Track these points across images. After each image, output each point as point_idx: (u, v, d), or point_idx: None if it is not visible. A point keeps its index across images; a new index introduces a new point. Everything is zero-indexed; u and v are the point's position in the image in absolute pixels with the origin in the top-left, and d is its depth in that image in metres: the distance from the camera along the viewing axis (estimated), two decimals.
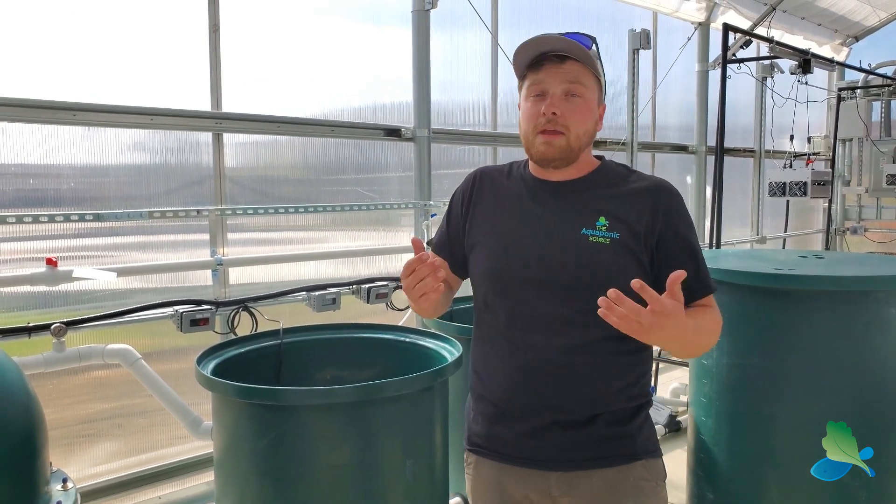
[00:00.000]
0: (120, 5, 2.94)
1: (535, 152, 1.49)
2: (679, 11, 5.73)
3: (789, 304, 2.28)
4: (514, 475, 1.52)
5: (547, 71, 1.45)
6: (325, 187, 3.71)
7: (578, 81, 1.44)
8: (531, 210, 1.52)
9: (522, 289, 1.48)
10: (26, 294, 2.75)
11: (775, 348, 2.29)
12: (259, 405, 1.97)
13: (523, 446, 1.49)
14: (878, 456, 2.19)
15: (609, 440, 1.47)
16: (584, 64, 1.45)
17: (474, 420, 1.60)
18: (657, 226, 1.45)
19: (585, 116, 1.46)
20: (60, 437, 2.87)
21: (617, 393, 1.48)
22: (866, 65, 6.81)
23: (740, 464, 2.39)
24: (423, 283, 1.32)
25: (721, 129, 4.89)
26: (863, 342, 2.23)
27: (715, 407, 2.42)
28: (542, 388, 1.46)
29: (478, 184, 1.63)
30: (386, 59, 3.91)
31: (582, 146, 1.49)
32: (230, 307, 3.06)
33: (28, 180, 2.80)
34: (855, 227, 7.41)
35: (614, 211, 1.46)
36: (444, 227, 1.67)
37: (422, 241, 1.40)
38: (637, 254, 1.44)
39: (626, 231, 1.44)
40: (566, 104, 1.44)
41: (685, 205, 1.53)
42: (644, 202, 1.47)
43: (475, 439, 1.60)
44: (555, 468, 1.47)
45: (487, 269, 1.54)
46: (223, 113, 3.23)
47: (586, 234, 1.44)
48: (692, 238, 1.50)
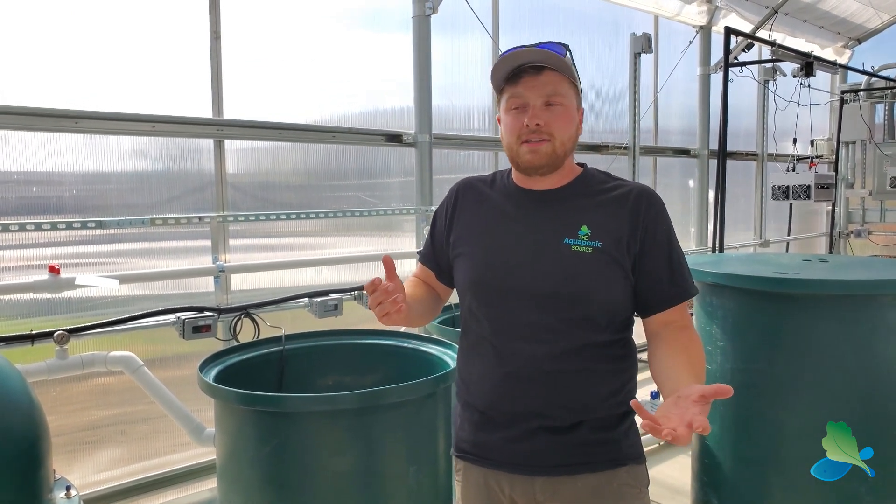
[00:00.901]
0: (121, 13, 2.95)
1: (521, 162, 1.50)
2: (680, 15, 5.73)
3: (794, 308, 2.27)
4: (500, 480, 1.53)
5: (525, 83, 1.47)
6: (326, 193, 3.71)
7: (557, 91, 1.47)
8: (514, 219, 1.54)
9: (506, 298, 1.49)
10: (29, 301, 2.75)
11: (780, 353, 2.28)
12: (261, 412, 1.97)
13: (508, 451, 1.50)
14: (881, 458, 2.18)
15: (594, 445, 1.48)
16: (561, 72, 1.47)
17: (461, 427, 1.62)
18: (637, 233, 1.47)
19: (567, 123, 1.49)
20: (63, 444, 2.87)
21: (602, 399, 1.48)
22: (869, 67, 6.81)
23: (745, 469, 2.38)
24: (381, 306, 1.37)
25: (723, 133, 4.89)
26: (868, 346, 2.21)
27: (719, 412, 2.41)
28: (527, 395, 1.47)
29: (460, 195, 1.65)
30: (387, 64, 3.91)
31: (567, 151, 1.51)
32: (232, 314, 3.06)
33: (31, 188, 2.80)
34: (859, 230, 7.39)
35: (596, 219, 1.48)
36: (429, 239, 1.71)
37: (392, 262, 1.45)
38: (620, 262, 1.45)
39: (608, 239, 1.45)
40: (548, 113, 1.46)
41: (665, 209, 1.54)
42: (624, 209, 1.48)
43: (462, 445, 1.61)
44: (539, 473, 1.48)
45: (471, 278, 1.56)
46: (225, 120, 3.23)
47: (568, 243, 1.45)
48: (669, 243, 1.51)
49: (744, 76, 5.63)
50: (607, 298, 1.47)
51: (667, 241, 1.50)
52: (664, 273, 1.49)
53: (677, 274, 1.50)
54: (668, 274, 1.49)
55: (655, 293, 1.49)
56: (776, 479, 2.30)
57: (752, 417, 2.35)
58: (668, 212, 1.54)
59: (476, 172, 1.73)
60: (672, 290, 1.49)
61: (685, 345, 1.45)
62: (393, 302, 1.37)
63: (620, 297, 1.48)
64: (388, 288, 1.38)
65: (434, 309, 1.71)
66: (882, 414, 2.21)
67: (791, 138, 6.59)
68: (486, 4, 4.36)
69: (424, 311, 1.67)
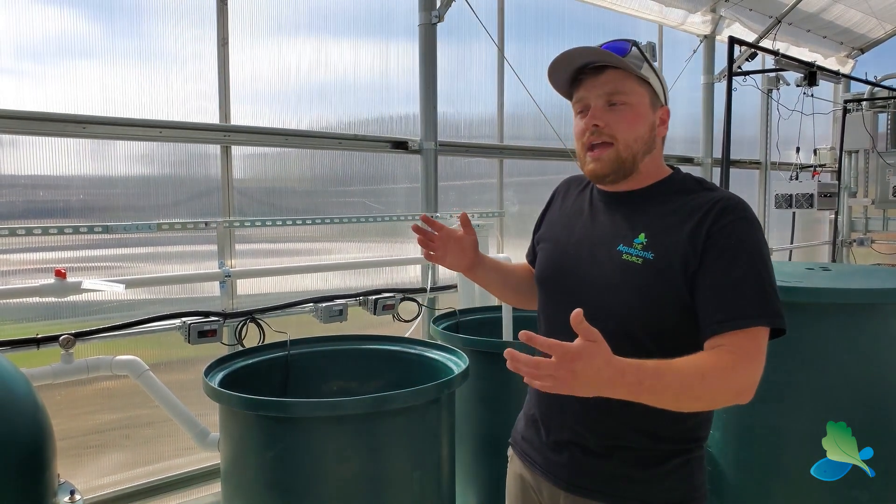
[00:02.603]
0: (130, 19, 2.97)
1: (587, 171, 1.43)
2: (684, 24, 5.75)
3: (796, 316, 2.26)
4: (535, 480, 1.54)
5: (586, 85, 1.40)
6: (332, 199, 3.72)
7: (618, 90, 1.37)
8: (584, 220, 1.50)
9: (560, 298, 1.45)
10: (35, 305, 2.76)
11: (782, 361, 2.29)
12: (266, 417, 1.97)
13: (544, 457, 1.51)
14: (884, 465, 2.18)
15: (621, 479, 1.39)
16: (625, 69, 1.38)
17: (520, 418, 1.65)
18: (699, 243, 1.29)
19: (633, 123, 1.38)
20: (68, 448, 2.87)
21: (641, 432, 1.36)
22: (872, 77, 6.82)
23: (748, 476, 2.38)
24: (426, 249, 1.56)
25: (727, 141, 4.90)
26: (871, 355, 2.22)
27: (722, 420, 2.41)
28: (565, 407, 1.43)
29: (557, 193, 1.66)
30: (393, 71, 3.93)
31: (636, 154, 1.40)
32: (238, 318, 3.07)
33: (38, 192, 2.82)
34: (861, 238, 7.38)
35: (659, 227, 1.34)
36: (534, 228, 1.72)
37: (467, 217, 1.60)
38: (670, 278, 1.30)
39: (663, 251, 1.31)
40: (609, 114, 1.37)
41: (751, 221, 1.32)
42: (696, 219, 1.31)
43: (515, 435, 1.65)
44: (566, 488, 1.46)
45: (539, 274, 1.58)
46: (232, 126, 3.25)
47: (621, 250, 1.36)
48: (736, 257, 1.27)
49: (747, 85, 5.65)
50: (650, 317, 1.33)
51: (730, 255, 1.26)
52: (721, 290, 1.25)
53: (739, 295, 1.25)
54: (725, 293, 1.25)
55: (705, 314, 1.26)
56: (779, 486, 2.31)
57: (755, 425, 2.35)
58: (758, 229, 1.32)
59: (481, 180, 1.75)
60: (721, 315, 1.24)
61: (700, 358, 1.21)
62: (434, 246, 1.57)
63: (670, 319, 1.32)
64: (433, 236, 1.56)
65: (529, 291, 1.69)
66: (885, 422, 2.21)
67: (794, 147, 6.59)
68: (491, 13, 4.38)
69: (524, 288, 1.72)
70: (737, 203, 1.33)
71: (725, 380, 1.20)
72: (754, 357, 1.23)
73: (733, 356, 1.21)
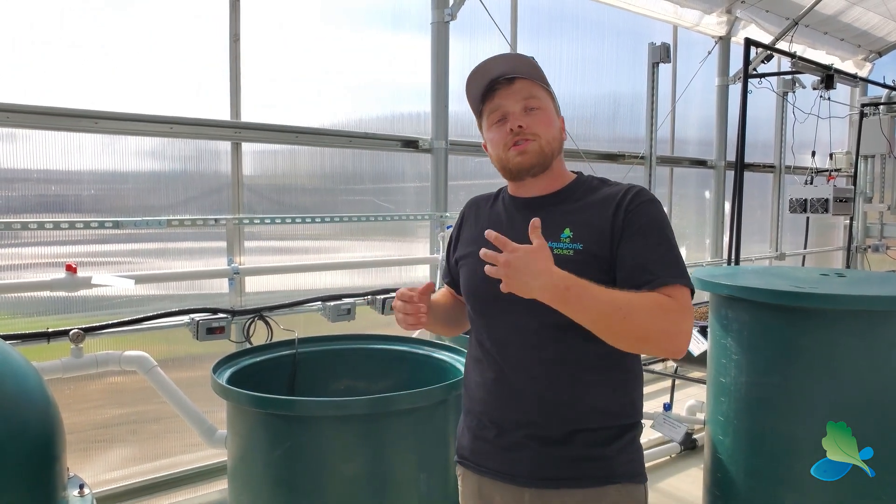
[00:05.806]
0: (142, 15, 2.98)
1: (512, 166, 1.51)
2: (700, 25, 5.71)
3: (810, 322, 2.24)
4: (492, 488, 1.54)
5: (501, 95, 1.50)
6: (341, 197, 3.72)
7: (532, 95, 1.49)
8: (505, 228, 1.53)
9: (495, 304, 1.49)
10: (46, 299, 2.77)
11: (795, 367, 2.26)
12: (274, 415, 1.97)
13: (500, 460, 1.51)
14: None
15: (584, 461, 1.45)
16: (533, 79, 1.50)
17: (462, 433, 1.64)
18: (618, 222, 1.43)
19: (549, 124, 1.50)
20: (76, 442, 2.89)
21: (596, 411, 1.45)
22: (890, 80, 6.74)
23: (758, 484, 2.35)
24: (405, 316, 1.51)
25: (741, 144, 4.85)
26: (885, 362, 2.18)
27: (733, 426, 2.39)
28: (518, 402, 1.48)
29: (466, 214, 1.71)
30: (404, 68, 3.92)
31: (554, 152, 1.52)
32: (246, 316, 3.07)
33: (50, 186, 2.83)
34: (877, 244, 7.31)
35: (579, 221, 1.46)
36: (445, 256, 1.76)
37: (432, 286, 1.56)
38: (601, 261, 1.41)
39: (589, 239, 1.43)
40: (528, 117, 1.48)
41: (658, 206, 1.47)
42: (609, 207, 1.45)
43: (462, 451, 1.63)
44: (528, 485, 1.47)
45: (466, 288, 1.60)
46: (242, 122, 3.25)
47: (552, 246, 1.39)
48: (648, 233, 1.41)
49: (763, 88, 5.59)
50: None
51: (646, 230, 1.41)
52: (645, 258, 1.38)
53: (661, 260, 1.39)
54: (649, 259, 1.38)
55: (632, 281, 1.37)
56: (789, 494, 2.28)
57: (766, 432, 2.33)
58: (663, 210, 1.47)
59: (491, 180, 1.76)
60: (648, 276, 1.37)
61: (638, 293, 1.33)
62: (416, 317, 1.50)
63: None
64: (419, 307, 1.51)
65: (458, 319, 1.74)
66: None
67: (809, 151, 6.53)
68: (504, 11, 4.36)
69: (453, 316, 1.72)
70: (643, 189, 1.50)
71: (656, 312, 1.32)
72: (685, 307, 1.36)
73: (667, 299, 1.34)
